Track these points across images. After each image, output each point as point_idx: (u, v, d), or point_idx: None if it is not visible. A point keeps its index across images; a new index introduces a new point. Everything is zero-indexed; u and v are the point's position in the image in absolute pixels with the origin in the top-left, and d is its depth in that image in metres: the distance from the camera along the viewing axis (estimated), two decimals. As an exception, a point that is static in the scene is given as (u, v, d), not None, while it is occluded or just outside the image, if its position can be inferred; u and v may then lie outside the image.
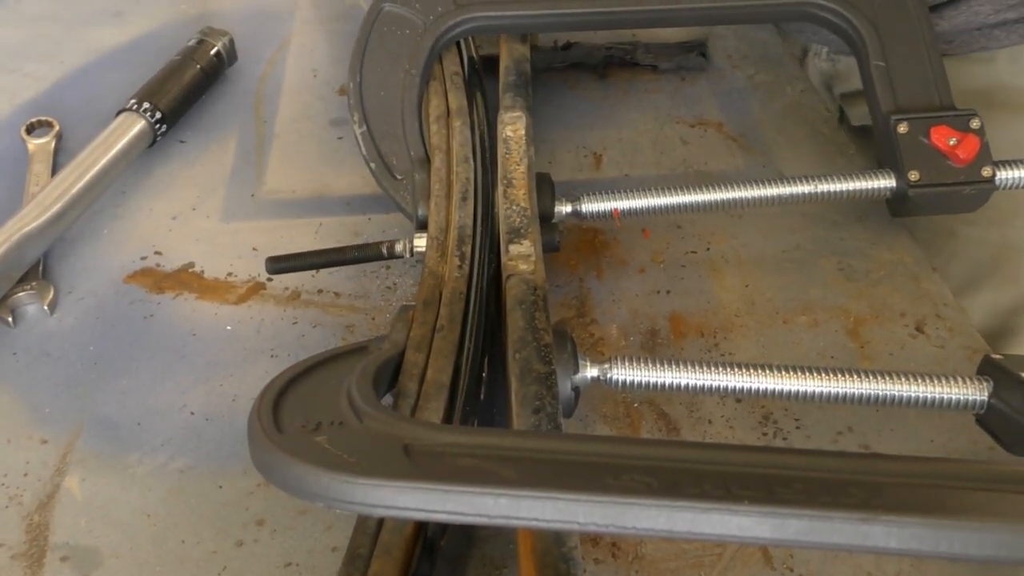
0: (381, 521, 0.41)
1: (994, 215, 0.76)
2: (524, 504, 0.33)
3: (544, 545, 0.38)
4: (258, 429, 0.37)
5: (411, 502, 0.33)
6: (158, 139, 0.77)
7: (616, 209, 0.63)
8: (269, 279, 0.66)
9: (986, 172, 0.62)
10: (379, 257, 0.62)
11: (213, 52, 0.83)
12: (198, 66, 0.82)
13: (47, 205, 0.66)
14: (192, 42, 0.84)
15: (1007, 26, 0.74)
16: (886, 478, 0.35)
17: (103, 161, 0.71)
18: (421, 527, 0.42)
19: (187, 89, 0.80)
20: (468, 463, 0.35)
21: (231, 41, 0.85)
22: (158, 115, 0.76)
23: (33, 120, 0.79)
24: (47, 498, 0.52)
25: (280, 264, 0.62)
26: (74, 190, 0.68)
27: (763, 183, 0.64)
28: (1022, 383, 0.47)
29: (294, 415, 0.40)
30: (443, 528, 0.44)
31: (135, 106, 0.75)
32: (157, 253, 0.69)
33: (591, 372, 0.51)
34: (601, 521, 0.33)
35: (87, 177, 0.70)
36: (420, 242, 0.59)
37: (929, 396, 0.50)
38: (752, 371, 0.51)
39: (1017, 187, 0.63)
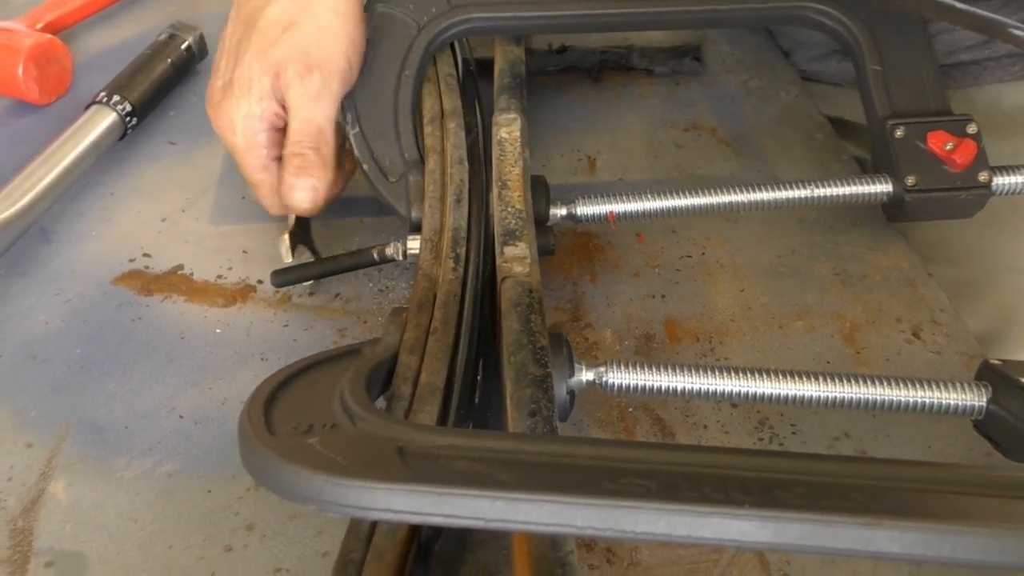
0: (374, 525, 0.40)
1: (951, 255, 0.78)
2: (521, 507, 0.32)
3: (540, 550, 0.38)
4: (249, 431, 0.37)
5: (406, 505, 0.32)
6: (128, 132, 0.78)
7: (611, 212, 0.63)
8: (260, 281, 0.65)
9: (983, 177, 0.62)
10: (371, 263, 0.62)
11: (184, 47, 0.85)
12: (168, 60, 0.83)
13: (16, 198, 0.66)
14: (163, 37, 0.85)
15: (961, 67, 0.75)
16: (887, 482, 0.34)
17: (73, 154, 0.71)
18: (415, 531, 0.41)
19: (157, 83, 0.81)
20: (463, 466, 0.34)
21: (201, 36, 0.87)
22: (128, 108, 0.76)
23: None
24: (31, 503, 0.51)
25: (284, 277, 0.63)
26: (44, 182, 0.68)
27: (758, 187, 0.63)
28: (1022, 388, 0.47)
29: (285, 418, 0.39)
30: (437, 532, 0.43)
31: (105, 99, 0.76)
32: (146, 255, 0.68)
33: (586, 375, 0.50)
34: (599, 525, 0.32)
35: (57, 170, 0.70)
36: (414, 244, 0.58)
37: (926, 401, 0.50)
38: (748, 375, 0.50)
39: (1013, 192, 0.63)
